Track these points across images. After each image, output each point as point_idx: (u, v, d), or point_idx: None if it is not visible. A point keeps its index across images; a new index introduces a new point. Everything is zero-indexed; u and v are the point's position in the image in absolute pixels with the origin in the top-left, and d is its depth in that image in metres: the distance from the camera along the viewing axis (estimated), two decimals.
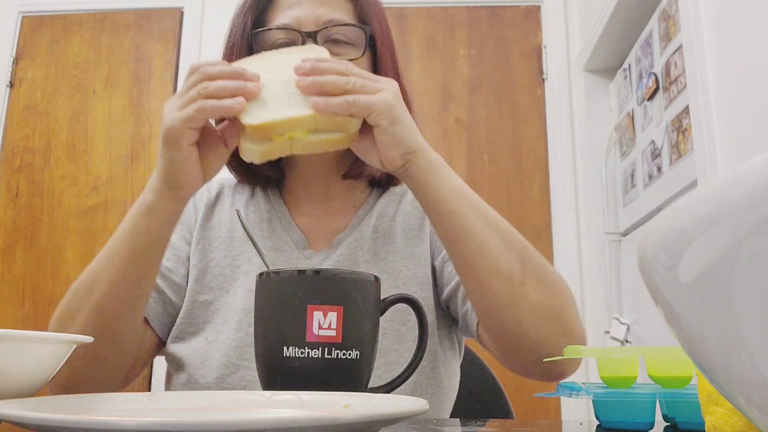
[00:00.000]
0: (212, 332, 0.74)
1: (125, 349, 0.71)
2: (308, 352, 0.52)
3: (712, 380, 0.22)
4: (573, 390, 0.50)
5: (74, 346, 0.53)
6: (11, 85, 2.51)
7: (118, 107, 2.47)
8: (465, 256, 0.63)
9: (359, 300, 0.54)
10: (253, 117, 0.59)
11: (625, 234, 2.02)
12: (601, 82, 2.24)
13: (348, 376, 0.53)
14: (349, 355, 0.53)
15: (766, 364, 0.18)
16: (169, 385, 0.78)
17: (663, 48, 1.62)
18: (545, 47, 2.40)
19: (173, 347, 0.76)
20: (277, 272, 0.55)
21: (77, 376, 0.68)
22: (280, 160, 0.84)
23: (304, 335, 0.52)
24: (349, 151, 0.81)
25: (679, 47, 1.47)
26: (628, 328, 1.88)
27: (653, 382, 0.53)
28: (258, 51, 0.76)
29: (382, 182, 0.86)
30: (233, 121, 0.63)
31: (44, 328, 0.63)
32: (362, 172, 0.82)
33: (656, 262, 0.21)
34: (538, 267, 0.64)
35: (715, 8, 1.29)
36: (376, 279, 0.57)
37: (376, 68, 0.80)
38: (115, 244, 0.65)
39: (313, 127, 0.61)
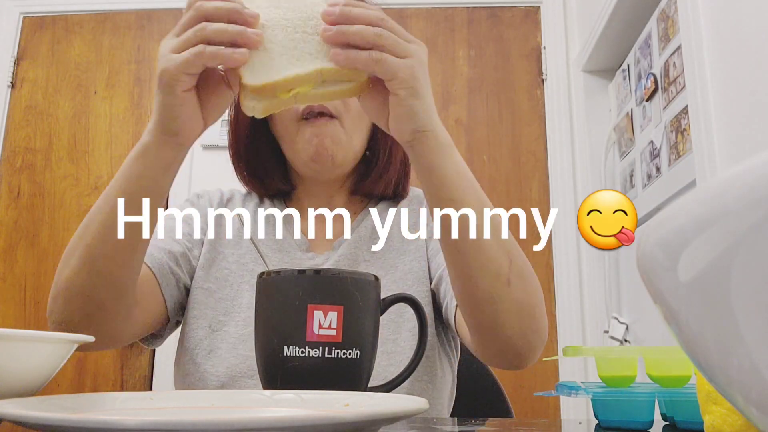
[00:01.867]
0: (215, 321, 0.76)
1: (122, 297, 0.66)
2: (308, 352, 0.52)
3: (710, 379, 0.22)
4: (572, 389, 0.50)
5: (75, 345, 0.53)
6: (12, 85, 2.51)
7: (120, 108, 2.47)
8: (459, 249, 0.60)
9: (359, 300, 0.54)
10: (254, 76, 0.52)
11: None
12: (600, 82, 2.24)
13: (348, 376, 0.53)
14: (350, 354, 0.53)
15: (765, 363, 0.18)
16: (177, 368, 0.79)
17: (662, 49, 1.62)
18: (544, 48, 2.40)
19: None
20: (277, 272, 0.56)
21: (75, 314, 0.65)
22: (289, 175, 0.87)
23: (304, 335, 0.52)
24: (355, 170, 0.84)
25: (678, 48, 1.48)
26: (627, 328, 1.88)
27: (652, 382, 0.53)
28: None
29: (385, 198, 0.89)
30: (234, 70, 0.55)
31: (45, 328, 0.63)
32: (372, 190, 0.86)
33: (655, 262, 0.21)
34: (523, 264, 0.62)
35: (714, 9, 1.29)
36: (376, 279, 0.57)
37: None
38: (110, 189, 0.62)
39: (320, 81, 0.55)
